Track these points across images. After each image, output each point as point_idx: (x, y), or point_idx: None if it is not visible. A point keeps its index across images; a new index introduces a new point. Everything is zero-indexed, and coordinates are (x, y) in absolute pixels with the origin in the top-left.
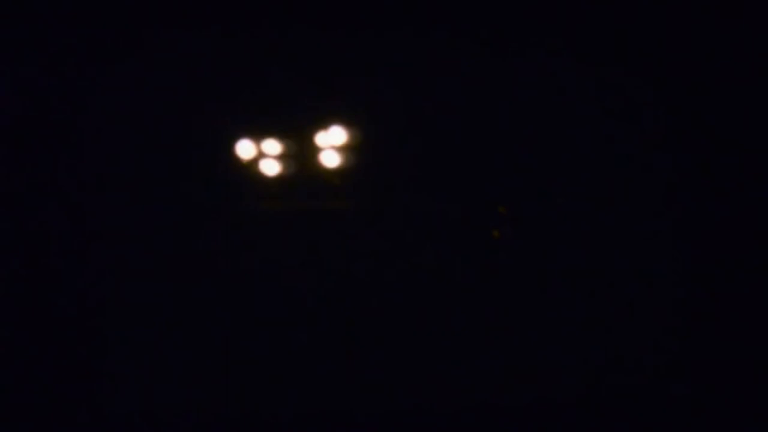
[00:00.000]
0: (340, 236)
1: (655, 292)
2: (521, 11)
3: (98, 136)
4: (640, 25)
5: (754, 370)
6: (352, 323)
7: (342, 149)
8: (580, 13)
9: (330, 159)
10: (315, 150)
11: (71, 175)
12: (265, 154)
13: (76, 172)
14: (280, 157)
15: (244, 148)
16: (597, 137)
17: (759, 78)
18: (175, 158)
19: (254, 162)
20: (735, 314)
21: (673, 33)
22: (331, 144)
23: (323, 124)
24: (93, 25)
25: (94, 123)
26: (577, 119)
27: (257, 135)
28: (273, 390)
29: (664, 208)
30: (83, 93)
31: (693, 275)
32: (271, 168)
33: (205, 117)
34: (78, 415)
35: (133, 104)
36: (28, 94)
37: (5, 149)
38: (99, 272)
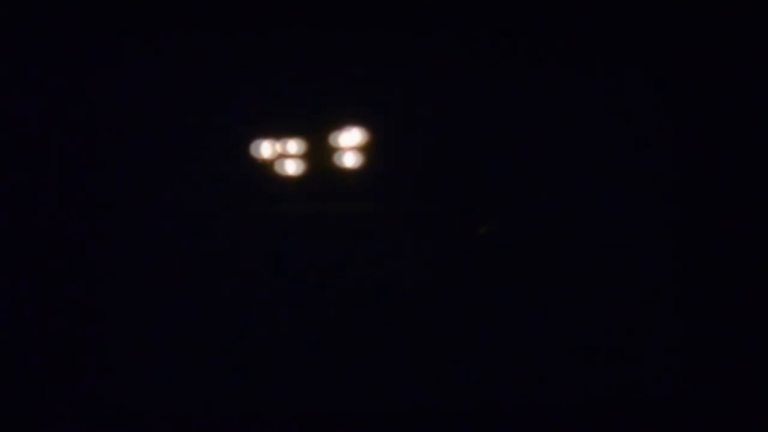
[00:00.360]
0: (346, 237)
1: (655, 292)
2: (522, 11)
3: (112, 137)
4: (640, 26)
5: (755, 370)
6: (355, 323)
7: (353, 150)
8: (582, 13)
9: (341, 160)
10: (325, 151)
11: (84, 175)
12: (269, 156)
13: (90, 172)
14: (285, 158)
15: (257, 149)
16: (615, 139)
17: (759, 78)
18: (188, 159)
19: (256, 163)
20: (735, 314)
21: (673, 33)
22: (342, 145)
23: (334, 124)
24: (110, 25)
25: (107, 124)
26: (589, 120)
27: (263, 135)
28: (273, 390)
29: (664, 207)
30: (98, 94)
31: (693, 275)
32: (280, 169)
33: (216, 118)
34: (78, 415)
35: (140, 104)
36: (51, 96)
37: (19, 152)
38: (110, 274)
